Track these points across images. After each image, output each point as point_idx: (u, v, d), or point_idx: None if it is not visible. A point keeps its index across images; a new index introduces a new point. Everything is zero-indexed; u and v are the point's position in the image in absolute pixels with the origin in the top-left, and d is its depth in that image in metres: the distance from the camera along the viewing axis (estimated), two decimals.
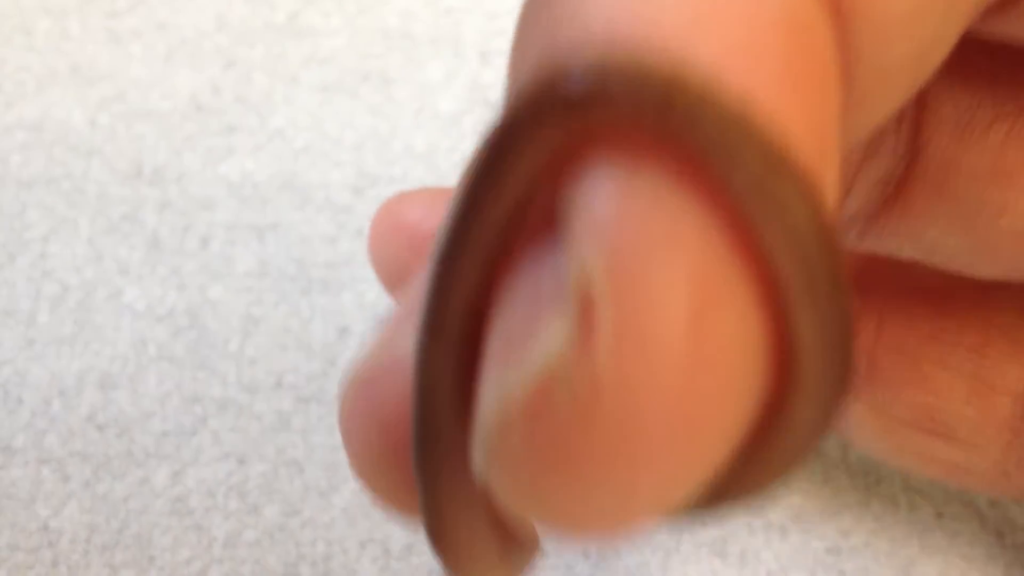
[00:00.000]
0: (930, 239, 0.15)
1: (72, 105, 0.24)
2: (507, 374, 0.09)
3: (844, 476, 0.21)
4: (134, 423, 0.21)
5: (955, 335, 0.17)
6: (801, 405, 0.09)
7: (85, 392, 0.21)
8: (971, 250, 0.15)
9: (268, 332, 0.22)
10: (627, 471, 0.09)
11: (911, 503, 0.20)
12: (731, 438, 0.09)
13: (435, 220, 0.13)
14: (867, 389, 0.17)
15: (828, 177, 0.09)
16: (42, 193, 0.23)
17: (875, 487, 0.20)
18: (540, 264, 0.09)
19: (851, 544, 0.20)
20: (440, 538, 0.11)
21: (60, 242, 0.23)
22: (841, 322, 0.09)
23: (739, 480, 0.10)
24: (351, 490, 0.20)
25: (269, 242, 0.23)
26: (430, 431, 0.10)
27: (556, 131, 0.08)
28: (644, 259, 0.08)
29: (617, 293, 0.08)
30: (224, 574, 0.19)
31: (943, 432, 0.17)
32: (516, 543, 0.12)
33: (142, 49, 0.25)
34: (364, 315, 0.22)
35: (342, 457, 0.20)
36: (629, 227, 0.08)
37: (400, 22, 0.26)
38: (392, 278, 0.16)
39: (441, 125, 0.25)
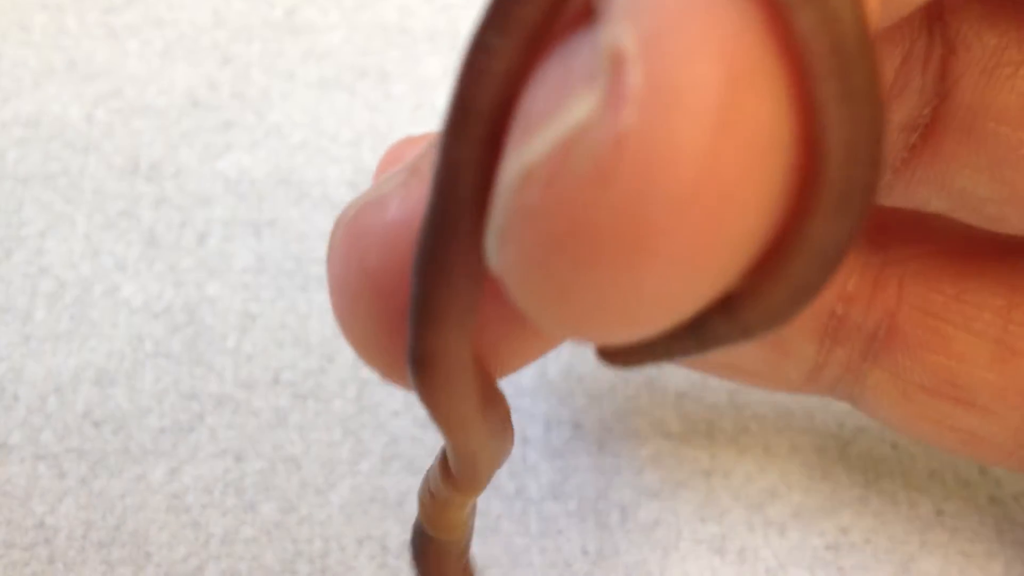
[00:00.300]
0: (959, 187, 0.15)
1: (69, 101, 0.24)
2: (529, 143, 0.09)
3: (843, 473, 0.21)
4: (131, 419, 0.21)
5: (980, 297, 0.16)
6: (824, 215, 0.09)
7: (81, 388, 0.21)
8: (1000, 198, 0.15)
9: (265, 328, 0.22)
10: (637, 253, 0.08)
11: (910, 500, 0.20)
12: (748, 241, 0.09)
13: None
14: (888, 353, 0.17)
15: None
16: (39, 189, 0.23)
17: (874, 484, 0.20)
18: (572, 50, 0.09)
19: (850, 541, 0.20)
20: (424, 356, 0.10)
21: (57, 238, 0.23)
22: (872, 123, 0.08)
23: (755, 302, 0.09)
24: (349, 487, 0.20)
25: (266, 238, 0.23)
26: (443, 228, 0.10)
27: None
28: (681, 28, 0.08)
29: (650, 52, 0.08)
30: (221, 571, 0.19)
31: (963, 398, 0.17)
32: (494, 408, 0.12)
33: (139, 45, 0.25)
34: None
35: (340, 454, 0.20)
36: (667, 2, 0.08)
37: (398, 18, 0.26)
38: None
39: (439, 121, 0.25)
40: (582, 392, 0.21)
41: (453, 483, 0.13)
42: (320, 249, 0.23)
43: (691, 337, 0.10)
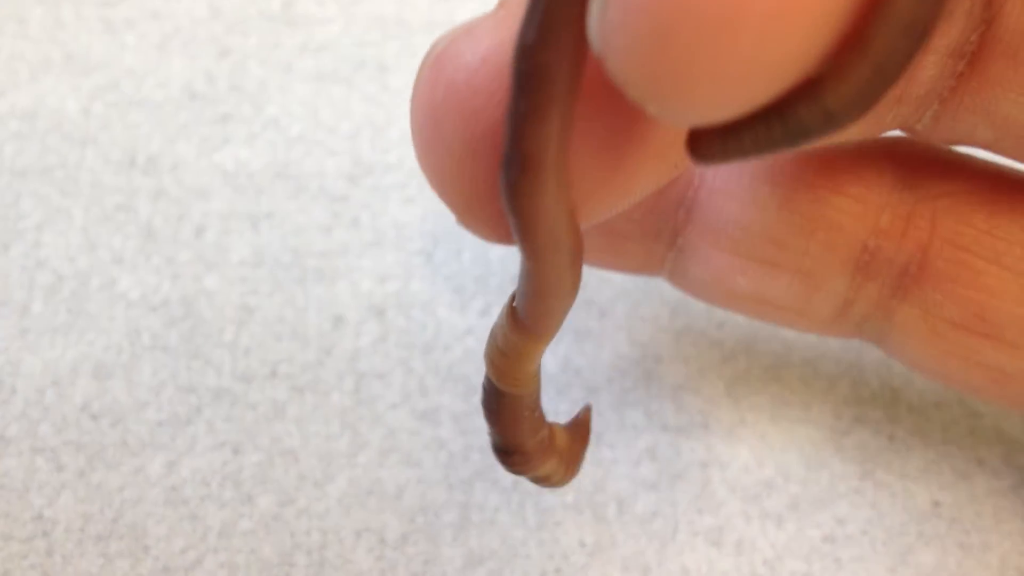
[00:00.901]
0: (1004, 114, 0.15)
1: (66, 94, 0.24)
2: None
3: (840, 464, 0.21)
4: (128, 412, 0.21)
5: (1010, 233, 0.16)
6: None
7: (79, 381, 0.21)
8: None
9: (263, 321, 0.22)
10: (734, 9, 0.09)
11: (907, 491, 0.20)
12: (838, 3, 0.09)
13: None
14: (918, 288, 0.17)
15: None
16: (36, 182, 0.23)
17: (871, 475, 0.20)
18: None
19: (847, 532, 0.20)
20: (526, 156, 0.11)
21: (54, 231, 0.23)
22: None
23: (839, 82, 0.09)
24: (346, 480, 0.20)
25: (264, 231, 0.23)
26: (547, 14, 0.10)
27: None
28: None
29: None
30: (219, 564, 0.19)
31: (992, 333, 0.17)
32: (576, 237, 0.12)
33: (136, 38, 0.25)
34: (359, 304, 0.22)
35: (337, 447, 0.20)
36: None
37: (395, 9, 0.26)
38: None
39: None
40: (579, 385, 0.21)
41: (524, 330, 0.13)
42: (318, 242, 0.23)
43: (778, 124, 0.10)
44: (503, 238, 0.13)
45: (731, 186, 0.17)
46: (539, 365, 0.15)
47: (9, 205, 0.23)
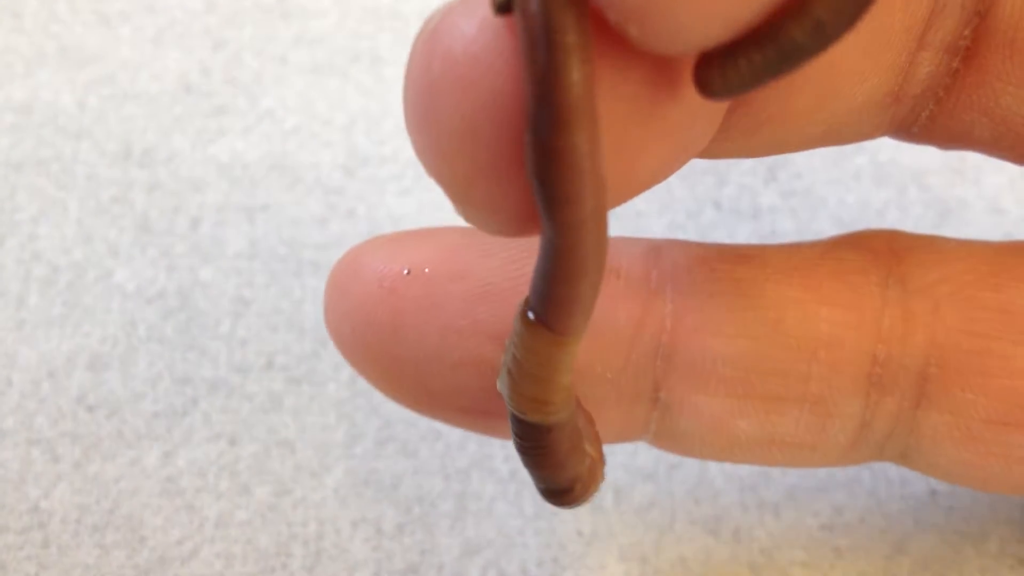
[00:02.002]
0: (1004, 107, 0.14)
1: (61, 87, 0.24)
2: None
3: None
4: (124, 404, 0.21)
5: None
6: None
7: (75, 373, 0.21)
8: None
9: (259, 313, 0.22)
10: None
11: (904, 479, 0.20)
12: None
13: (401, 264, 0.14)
14: (943, 391, 0.15)
15: None
16: (31, 175, 0.23)
17: (868, 464, 0.20)
18: None
19: (845, 521, 0.20)
20: (561, 106, 0.10)
21: (50, 224, 0.23)
22: None
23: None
24: (343, 470, 0.20)
25: (259, 223, 0.23)
26: None
27: None
28: None
29: None
30: (215, 554, 0.19)
31: None
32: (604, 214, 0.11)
33: (131, 31, 0.25)
34: None
35: (334, 437, 0.20)
36: None
37: (390, 1, 0.26)
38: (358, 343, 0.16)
39: None
40: None
41: (550, 332, 0.12)
42: (314, 234, 0.23)
43: (772, 46, 0.10)
44: (506, 224, 0.12)
45: (710, 320, 0.15)
46: (571, 379, 0.13)
47: (5, 198, 0.23)
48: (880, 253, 0.16)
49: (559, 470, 0.13)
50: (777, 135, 0.14)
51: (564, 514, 0.20)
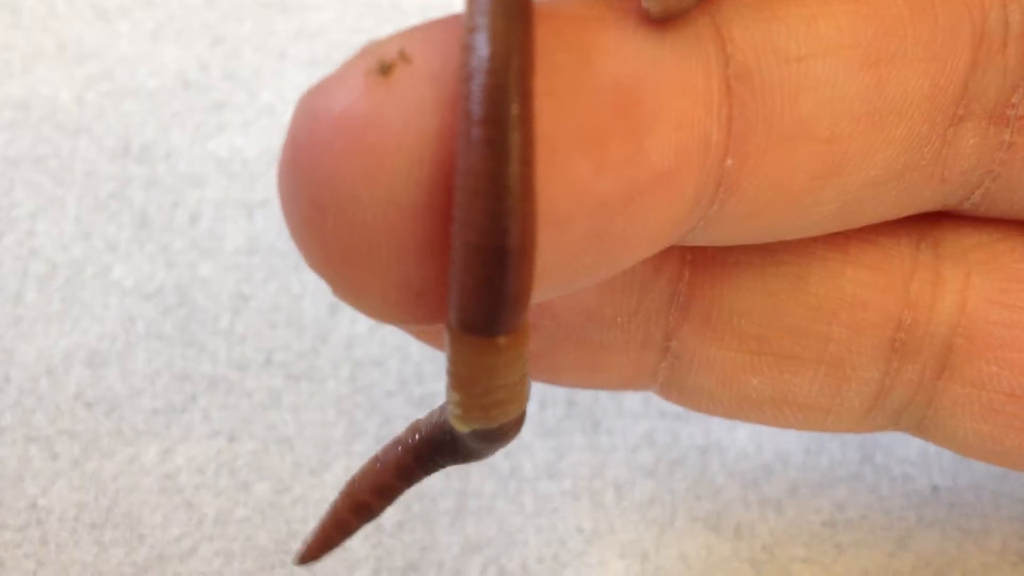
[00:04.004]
0: None
1: (59, 83, 0.24)
2: None
3: (838, 449, 0.20)
4: (123, 401, 0.21)
5: None
6: None
7: (73, 370, 0.21)
8: None
9: (258, 309, 0.22)
10: None
11: (906, 475, 0.20)
12: None
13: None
14: (968, 361, 0.15)
15: None
16: (29, 171, 0.23)
17: (870, 459, 0.20)
18: None
19: (847, 517, 0.20)
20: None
21: (48, 220, 0.22)
22: None
23: None
24: (343, 467, 0.20)
25: (259, 219, 0.23)
26: None
27: None
28: None
29: None
30: (214, 552, 0.19)
31: None
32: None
33: (129, 26, 0.25)
34: None
35: (333, 434, 0.20)
36: None
37: None
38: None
39: None
40: None
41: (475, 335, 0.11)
42: None
43: None
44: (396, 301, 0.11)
45: (730, 271, 0.15)
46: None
47: (3, 194, 0.23)
48: (913, 215, 0.15)
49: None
50: (782, 219, 0.13)
51: (565, 511, 0.20)
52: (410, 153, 0.10)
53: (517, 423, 0.12)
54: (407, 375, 0.21)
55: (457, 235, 0.10)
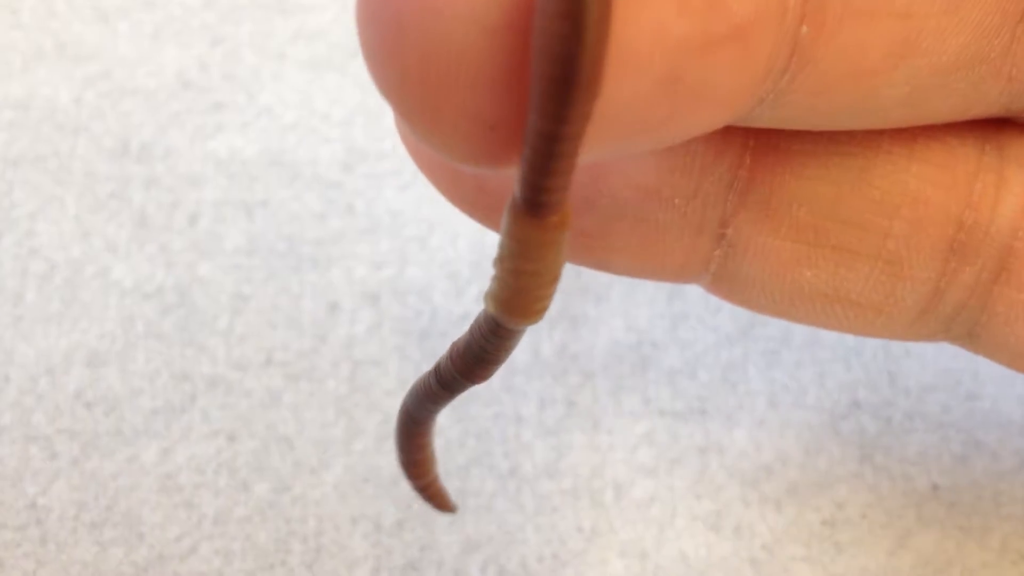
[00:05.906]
0: None
1: (59, 83, 0.24)
2: None
3: (838, 448, 0.20)
4: (123, 400, 0.21)
5: None
6: None
7: (73, 370, 0.21)
8: None
9: (257, 309, 0.22)
10: None
11: (906, 474, 0.20)
12: None
13: None
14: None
15: None
16: (29, 171, 0.23)
17: (869, 459, 0.20)
18: None
19: (846, 516, 0.20)
20: None
21: (47, 220, 0.22)
22: None
23: None
24: (342, 467, 0.20)
25: (258, 219, 0.23)
26: None
27: None
28: None
29: None
30: (214, 551, 0.19)
31: None
32: None
33: (129, 27, 0.25)
34: (354, 291, 0.22)
35: (333, 433, 0.20)
36: None
37: None
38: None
39: None
40: (576, 370, 0.21)
41: (541, 205, 0.10)
42: (312, 229, 0.22)
43: None
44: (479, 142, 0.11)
45: (793, 159, 0.15)
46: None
47: (2, 194, 0.23)
48: (979, 120, 0.15)
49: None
50: (851, 101, 0.13)
51: (564, 510, 0.20)
52: None
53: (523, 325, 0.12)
54: (406, 374, 0.21)
55: (532, 65, 0.10)
